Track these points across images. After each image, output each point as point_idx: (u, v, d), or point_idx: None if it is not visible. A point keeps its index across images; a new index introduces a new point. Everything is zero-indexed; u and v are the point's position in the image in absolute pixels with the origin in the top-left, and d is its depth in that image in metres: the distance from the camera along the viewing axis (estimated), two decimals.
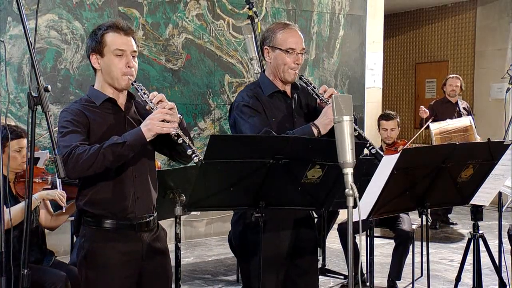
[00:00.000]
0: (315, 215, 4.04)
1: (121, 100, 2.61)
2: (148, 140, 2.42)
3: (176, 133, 2.43)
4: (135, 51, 2.56)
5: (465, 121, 6.40)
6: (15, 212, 3.18)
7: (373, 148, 2.81)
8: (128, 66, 2.52)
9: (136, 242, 2.56)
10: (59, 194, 3.53)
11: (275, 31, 2.88)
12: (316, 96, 2.89)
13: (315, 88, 2.89)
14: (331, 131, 2.28)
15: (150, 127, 2.40)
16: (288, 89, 2.94)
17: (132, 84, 2.55)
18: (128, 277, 2.55)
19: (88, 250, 2.53)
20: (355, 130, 2.73)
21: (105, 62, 2.53)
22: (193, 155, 2.40)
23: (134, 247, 2.56)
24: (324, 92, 2.86)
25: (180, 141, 2.42)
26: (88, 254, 2.53)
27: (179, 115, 2.53)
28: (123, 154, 2.40)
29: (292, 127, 2.83)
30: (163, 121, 2.40)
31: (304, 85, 2.96)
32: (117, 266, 2.52)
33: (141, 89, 2.55)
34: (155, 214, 2.67)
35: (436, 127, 6.29)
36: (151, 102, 2.49)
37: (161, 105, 2.47)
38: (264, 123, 2.79)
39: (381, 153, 2.80)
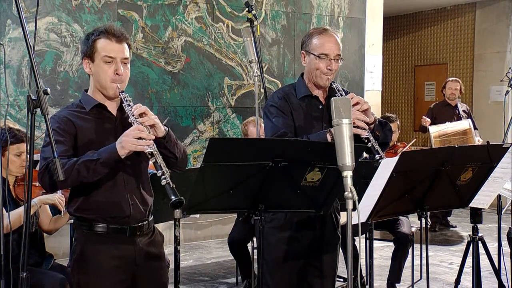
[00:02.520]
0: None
1: (113, 106, 2.56)
2: (122, 157, 2.37)
3: (150, 151, 2.36)
4: (126, 58, 2.50)
5: (464, 124, 6.40)
6: (14, 218, 3.18)
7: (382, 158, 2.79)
8: (117, 73, 2.47)
9: (128, 246, 2.52)
10: (58, 198, 3.53)
11: (312, 36, 2.93)
12: None
13: (342, 96, 2.88)
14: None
15: (123, 145, 2.34)
16: (321, 94, 2.98)
17: (120, 94, 2.50)
18: (120, 282, 2.51)
19: (79, 254, 2.50)
20: (369, 141, 2.74)
21: (95, 68, 2.50)
22: (162, 176, 2.33)
23: (126, 252, 2.51)
24: (351, 99, 2.87)
25: (152, 160, 2.37)
26: (79, 258, 2.49)
27: (165, 127, 2.49)
28: (96, 170, 2.36)
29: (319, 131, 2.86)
30: (139, 138, 2.34)
31: (335, 91, 2.95)
32: (108, 271, 2.48)
33: (126, 100, 2.49)
34: (150, 218, 2.63)
35: (435, 130, 6.30)
36: (133, 115, 2.43)
37: (141, 120, 2.41)
38: (287, 125, 2.83)
39: None
